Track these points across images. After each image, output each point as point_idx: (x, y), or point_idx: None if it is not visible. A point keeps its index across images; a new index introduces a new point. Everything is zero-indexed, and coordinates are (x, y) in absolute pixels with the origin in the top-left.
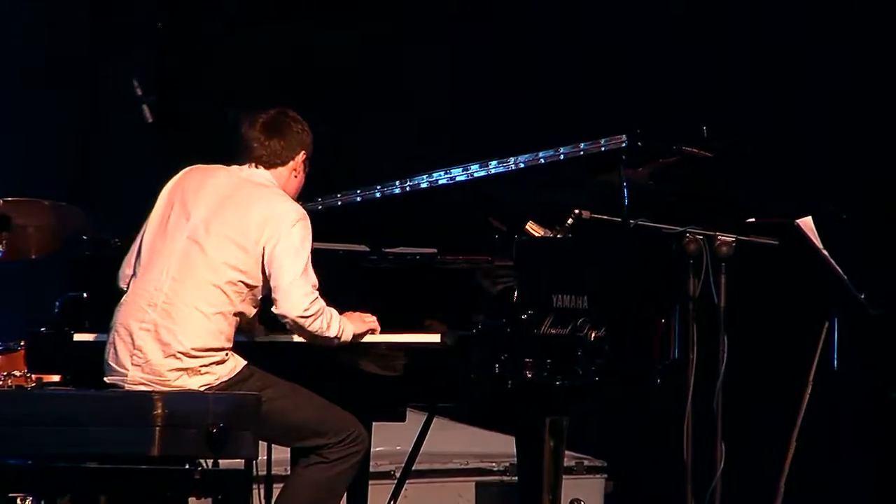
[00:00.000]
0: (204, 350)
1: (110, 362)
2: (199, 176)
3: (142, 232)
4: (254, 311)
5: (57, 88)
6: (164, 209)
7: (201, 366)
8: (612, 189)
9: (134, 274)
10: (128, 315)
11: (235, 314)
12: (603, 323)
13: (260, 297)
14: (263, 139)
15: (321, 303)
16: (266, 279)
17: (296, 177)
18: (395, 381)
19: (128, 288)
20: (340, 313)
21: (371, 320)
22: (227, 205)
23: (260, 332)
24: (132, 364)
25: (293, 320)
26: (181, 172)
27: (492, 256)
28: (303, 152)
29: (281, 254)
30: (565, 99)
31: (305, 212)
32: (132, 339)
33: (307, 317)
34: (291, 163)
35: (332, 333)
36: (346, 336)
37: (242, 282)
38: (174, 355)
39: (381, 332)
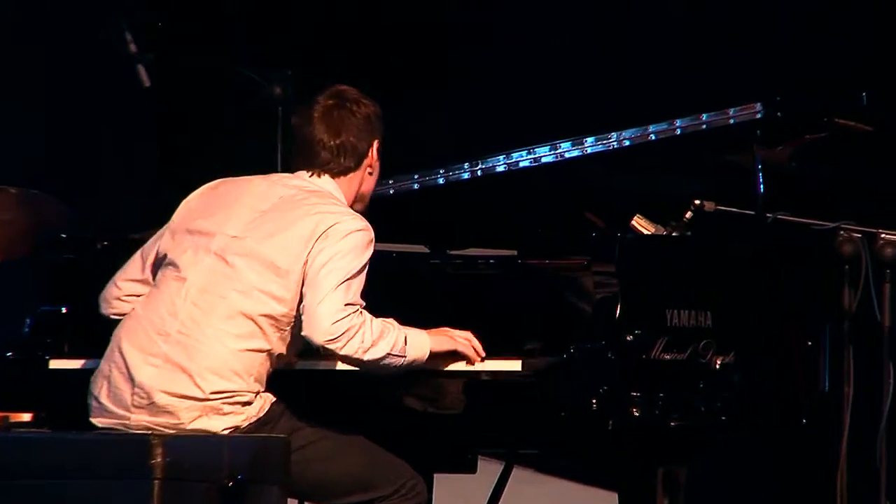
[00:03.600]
0: (226, 391)
1: (104, 401)
2: (234, 186)
3: (153, 244)
4: (293, 348)
5: (27, 47)
6: (183, 219)
7: (224, 403)
8: (742, 173)
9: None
10: (129, 343)
11: (269, 353)
12: (731, 346)
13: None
14: (328, 140)
15: (354, 319)
16: None
17: (371, 173)
18: (464, 421)
19: (115, 314)
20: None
21: (464, 338)
22: (268, 219)
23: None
24: (134, 405)
25: (321, 346)
26: (209, 184)
27: (588, 260)
28: (376, 141)
29: (319, 267)
30: (683, 58)
31: (368, 224)
32: (131, 373)
33: (333, 340)
34: (366, 160)
35: (374, 355)
36: (415, 354)
37: (283, 316)
38: (188, 397)
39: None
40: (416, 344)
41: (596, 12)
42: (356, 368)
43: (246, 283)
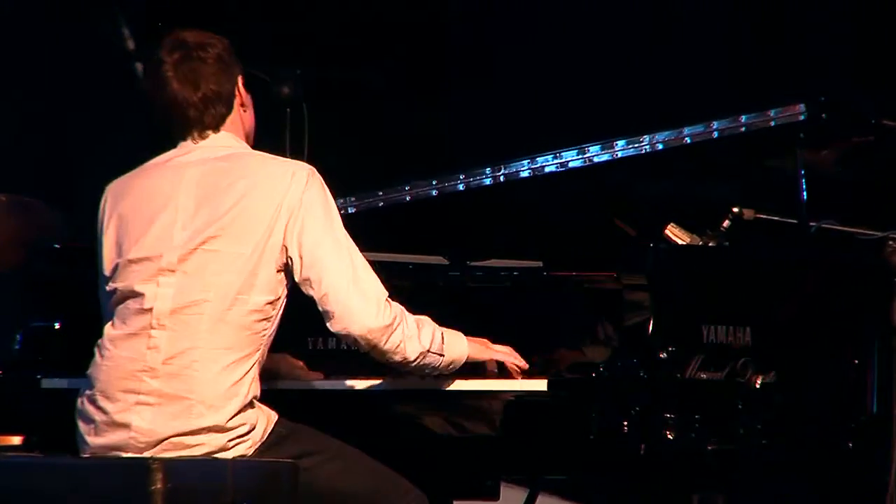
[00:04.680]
0: (234, 415)
1: (93, 445)
2: (136, 193)
3: (101, 291)
4: (274, 330)
5: (16, 45)
6: (115, 253)
7: (230, 440)
8: (784, 179)
9: (110, 322)
10: (111, 387)
11: (258, 350)
12: (772, 365)
13: (283, 308)
14: (190, 97)
15: (395, 307)
16: (292, 283)
17: (245, 110)
18: (485, 444)
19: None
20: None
21: (504, 350)
22: (205, 212)
23: (293, 374)
24: (130, 447)
25: (363, 337)
26: (107, 202)
27: (618, 272)
28: (238, 77)
29: (314, 246)
30: (719, 54)
31: (308, 165)
32: (123, 419)
33: (385, 327)
34: (235, 99)
35: (419, 347)
36: (454, 356)
37: (269, 305)
38: (199, 430)
39: (465, 377)
40: (454, 344)
41: (626, 11)
42: (376, 382)
43: (216, 290)
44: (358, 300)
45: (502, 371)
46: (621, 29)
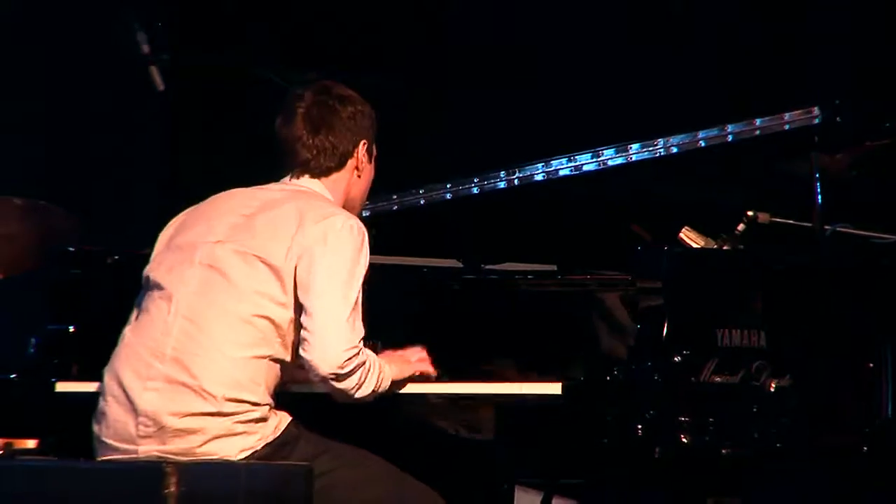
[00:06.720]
0: (238, 402)
1: (107, 439)
2: (214, 201)
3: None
4: (297, 353)
5: (31, 49)
6: (167, 240)
7: (237, 422)
8: (799, 183)
9: (135, 315)
10: (125, 371)
11: (274, 359)
12: (787, 368)
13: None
14: (307, 137)
15: (362, 356)
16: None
17: (360, 176)
18: (499, 448)
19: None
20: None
21: (419, 358)
22: (253, 221)
23: (304, 379)
24: (140, 436)
25: (321, 376)
26: (188, 209)
27: (633, 275)
28: (363, 142)
29: (322, 276)
30: (735, 57)
31: (354, 218)
32: (133, 403)
33: (340, 376)
34: (351, 160)
35: (364, 392)
36: (384, 388)
37: (283, 317)
38: (200, 414)
39: (480, 381)
40: (386, 378)
41: (640, 14)
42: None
43: (238, 287)
44: (334, 346)
45: (511, 374)
46: (627, 33)
